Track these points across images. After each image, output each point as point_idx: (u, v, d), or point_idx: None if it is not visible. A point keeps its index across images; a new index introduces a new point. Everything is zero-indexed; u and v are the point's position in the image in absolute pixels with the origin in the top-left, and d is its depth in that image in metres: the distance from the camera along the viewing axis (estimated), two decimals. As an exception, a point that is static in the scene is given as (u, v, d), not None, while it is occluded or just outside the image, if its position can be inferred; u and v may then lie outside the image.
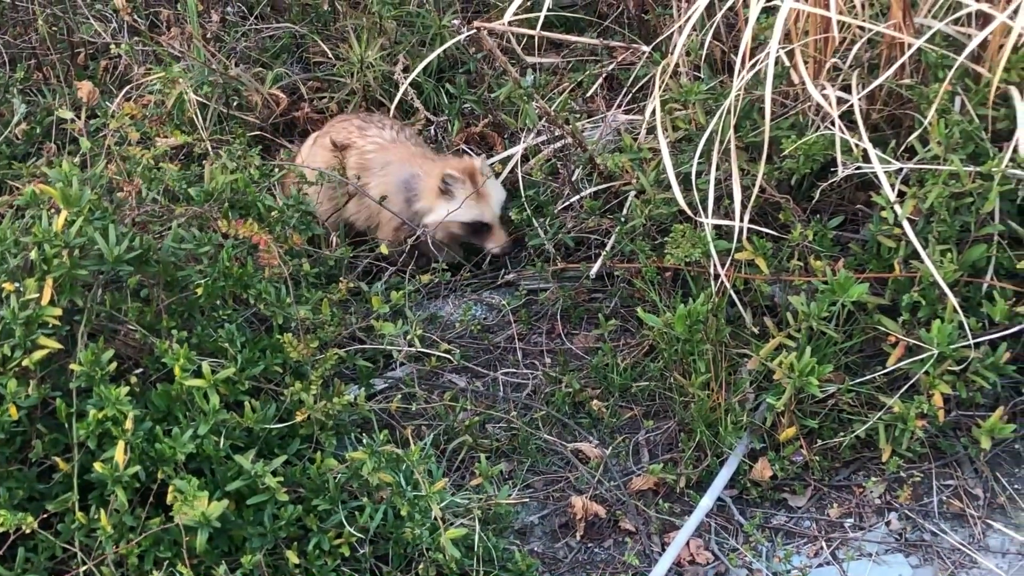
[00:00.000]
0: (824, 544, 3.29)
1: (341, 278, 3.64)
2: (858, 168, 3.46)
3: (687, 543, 3.28)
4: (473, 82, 4.89)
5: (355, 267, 4.01)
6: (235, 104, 4.78)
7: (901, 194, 3.45)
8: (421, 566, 3.04)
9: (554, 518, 3.41)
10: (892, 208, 3.42)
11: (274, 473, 3.04)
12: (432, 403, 3.58)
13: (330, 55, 4.97)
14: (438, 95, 4.82)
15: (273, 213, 3.48)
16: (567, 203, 4.17)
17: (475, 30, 3.91)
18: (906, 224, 3.39)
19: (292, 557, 3.02)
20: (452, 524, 3.05)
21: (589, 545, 3.34)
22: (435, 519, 2.98)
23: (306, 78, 5.01)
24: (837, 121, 3.48)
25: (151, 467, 3.00)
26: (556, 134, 4.31)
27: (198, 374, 3.08)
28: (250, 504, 3.05)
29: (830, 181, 3.61)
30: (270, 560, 3.04)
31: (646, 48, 4.16)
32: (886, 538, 3.29)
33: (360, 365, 3.54)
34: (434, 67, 4.89)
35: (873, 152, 3.42)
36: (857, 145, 3.47)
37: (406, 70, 4.69)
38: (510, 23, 3.98)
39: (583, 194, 4.14)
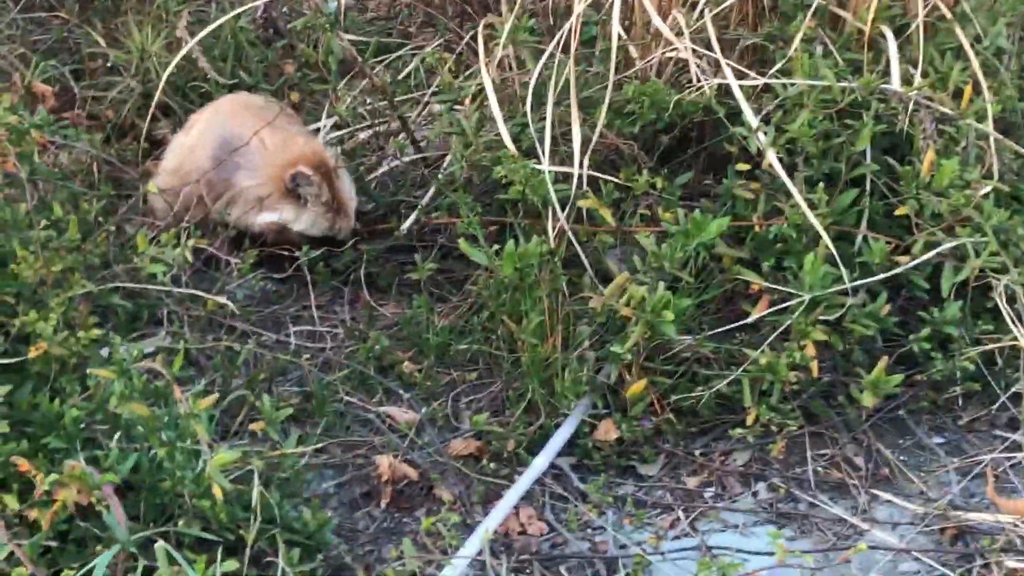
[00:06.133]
0: (681, 514, 2.72)
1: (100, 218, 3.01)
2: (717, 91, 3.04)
3: (516, 512, 2.68)
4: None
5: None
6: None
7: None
8: (183, 521, 2.36)
9: (354, 486, 2.77)
10: (756, 135, 2.97)
11: (-7, 405, 2.38)
12: (204, 346, 2.92)
13: (103, 44, 4.35)
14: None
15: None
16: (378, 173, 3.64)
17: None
18: (771, 155, 2.95)
19: (10, 502, 2.30)
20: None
21: (396, 515, 2.71)
22: (204, 449, 2.32)
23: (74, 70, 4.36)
24: (688, 40, 3.07)
25: None
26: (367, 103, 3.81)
27: None
28: (-44, 436, 2.36)
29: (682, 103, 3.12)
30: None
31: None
32: (754, 508, 2.74)
33: (117, 305, 2.88)
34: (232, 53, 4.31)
35: (727, 66, 3.00)
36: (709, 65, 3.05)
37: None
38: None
39: (396, 163, 3.62)
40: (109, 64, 4.34)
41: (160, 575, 2.11)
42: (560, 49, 3.19)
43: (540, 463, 2.75)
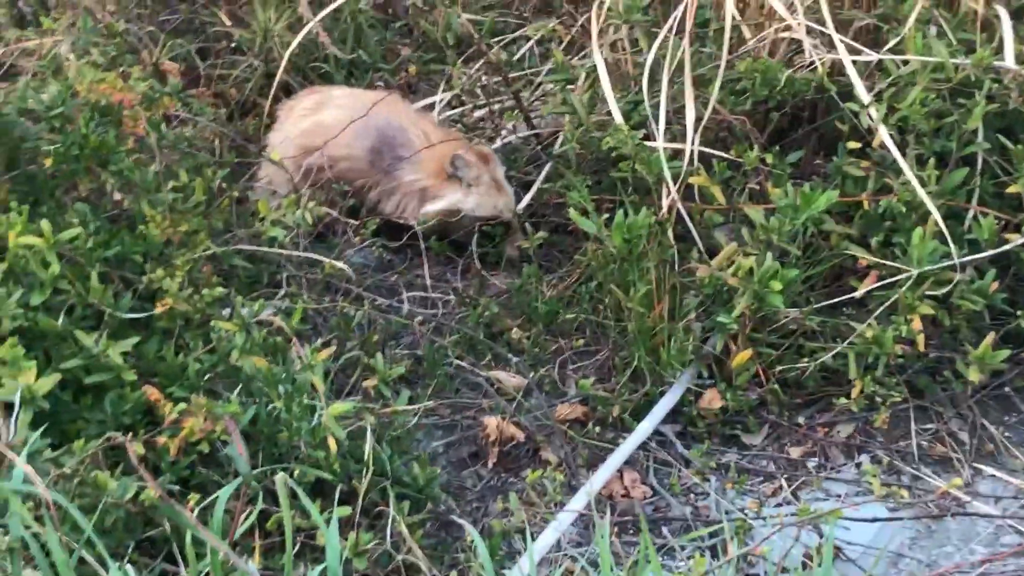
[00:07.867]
0: (784, 482, 2.75)
1: (223, 184, 3.11)
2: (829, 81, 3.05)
3: (620, 475, 2.73)
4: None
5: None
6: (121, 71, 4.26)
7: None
8: (297, 471, 2.45)
9: (463, 446, 2.85)
10: (867, 111, 2.98)
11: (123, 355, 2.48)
12: (321, 307, 3.00)
13: (227, 23, 4.46)
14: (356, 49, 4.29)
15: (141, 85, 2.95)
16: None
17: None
18: (883, 131, 2.95)
19: (137, 447, 2.41)
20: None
21: (503, 474, 2.77)
22: (319, 400, 2.41)
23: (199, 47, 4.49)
24: (800, 14, 3.09)
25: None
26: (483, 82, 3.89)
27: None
28: (88, 384, 2.47)
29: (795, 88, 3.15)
30: (111, 455, 2.43)
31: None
32: (857, 479, 2.76)
33: (238, 266, 2.98)
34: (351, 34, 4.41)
35: (840, 42, 3.01)
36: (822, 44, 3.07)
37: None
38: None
39: (509, 139, 3.69)
40: (233, 44, 4.46)
41: (280, 514, 2.18)
42: (674, 31, 3.22)
43: (645, 428, 2.80)
